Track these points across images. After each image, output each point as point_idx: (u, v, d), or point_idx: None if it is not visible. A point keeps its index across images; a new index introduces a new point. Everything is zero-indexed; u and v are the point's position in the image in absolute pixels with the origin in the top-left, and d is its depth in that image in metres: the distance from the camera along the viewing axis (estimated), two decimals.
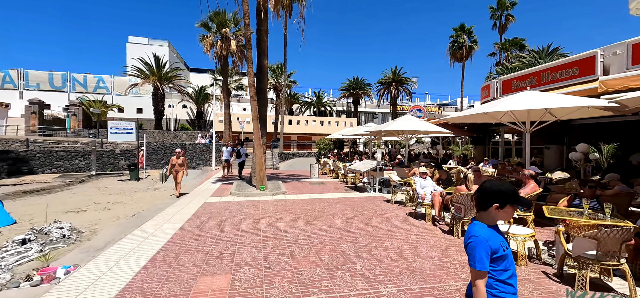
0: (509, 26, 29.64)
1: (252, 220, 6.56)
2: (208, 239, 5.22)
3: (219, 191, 10.62)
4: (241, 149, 14.01)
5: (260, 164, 10.37)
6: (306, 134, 37.88)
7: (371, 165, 10.51)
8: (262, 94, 11.91)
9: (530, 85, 10.65)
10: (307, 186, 11.95)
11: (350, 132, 16.66)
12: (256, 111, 10.22)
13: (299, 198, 9.24)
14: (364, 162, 11.68)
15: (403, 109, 51.93)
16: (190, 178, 15.01)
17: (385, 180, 10.04)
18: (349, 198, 9.34)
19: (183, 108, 42.92)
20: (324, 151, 21.60)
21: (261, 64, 11.92)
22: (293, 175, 16.13)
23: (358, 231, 5.71)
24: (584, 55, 8.89)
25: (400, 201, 8.57)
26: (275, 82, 30.95)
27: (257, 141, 10.39)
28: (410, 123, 11.87)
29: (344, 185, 12.15)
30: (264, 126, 11.91)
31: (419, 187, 6.61)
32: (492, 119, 7.57)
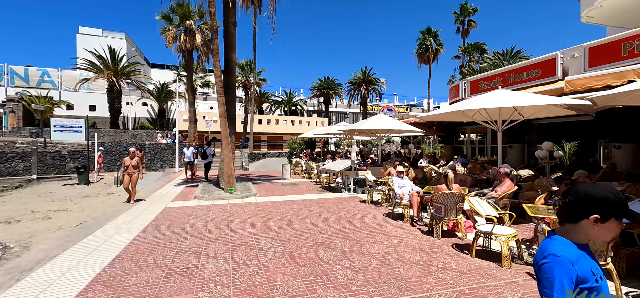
0: (471, 31, 31.24)
1: (219, 226, 5.95)
2: (167, 251, 4.56)
3: (182, 195, 9.74)
4: (207, 149, 13.10)
5: (228, 165, 9.67)
6: (277, 133, 37.08)
7: (345, 165, 10.25)
8: (230, 89, 11.17)
9: (497, 85, 11.04)
10: (279, 187, 11.42)
11: (323, 131, 16.37)
12: (224, 108, 9.51)
13: (271, 201, 8.71)
14: (338, 162, 11.40)
15: (373, 109, 52.89)
16: (150, 182, 13.80)
17: (360, 180, 9.83)
18: (324, 199, 8.98)
19: (143, 106, 40.01)
20: (296, 151, 21.12)
21: (229, 58, 11.19)
22: (264, 176, 15.47)
23: (336, 235, 5.35)
24: (546, 57, 9.34)
25: (376, 201, 8.38)
26: (244, 80, 29.83)
27: (224, 140, 9.68)
28: (383, 122, 11.80)
29: (318, 186, 11.79)
30: (233, 124, 11.19)
31: (397, 187, 6.42)
32: (466, 117, 7.62)
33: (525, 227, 5.65)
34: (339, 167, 10.47)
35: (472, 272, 3.78)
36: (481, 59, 30.10)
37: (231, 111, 11.14)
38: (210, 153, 13.11)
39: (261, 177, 15.03)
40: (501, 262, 3.91)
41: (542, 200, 4.58)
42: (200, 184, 11.52)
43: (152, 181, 13.90)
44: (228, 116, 10.52)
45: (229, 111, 10.68)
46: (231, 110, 11.14)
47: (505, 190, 5.29)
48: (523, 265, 3.96)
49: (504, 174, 5.48)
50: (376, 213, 7.01)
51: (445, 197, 4.93)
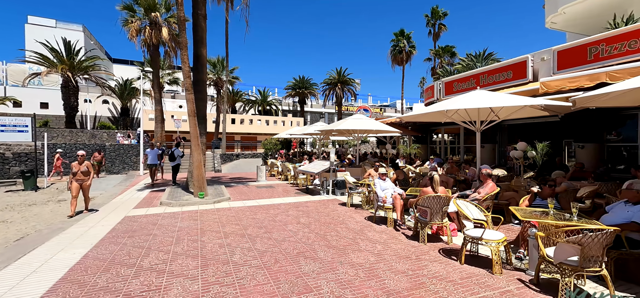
0: (441, 34, 32.27)
1: (188, 237, 5.35)
2: (124, 270, 3.94)
3: (146, 201, 8.89)
4: (175, 151, 12.18)
5: (198, 167, 8.96)
6: (251, 133, 36.06)
7: (324, 166, 9.92)
8: (200, 87, 10.43)
9: (471, 86, 11.26)
10: (254, 190, 10.85)
11: (299, 131, 15.95)
12: (193, 106, 8.79)
13: (246, 206, 8.16)
14: (316, 163, 11.05)
15: (348, 109, 53.26)
16: (110, 186, 12.62)
17: (339, 182, 9.55)
18: (302, 202, 8.58)
19: (104, 103, 37.18)
20: (271, 151, 20.49)
21: (199, 53, 10.44)
22: (238, 179, 14.75)
23: (317, 243, 4.98)
24: (517, 60, 9.62)
25: (356, 204, 8.13)
26: (216, 78, 28.59)
27: (194, 141, 8.97)
28: (361, 122, 11.63)
29: (295, 188, 11.36)
30: (203, 124, 10.46)
31: (379, 189, 6.18)
32: (446, 117, 7.59)
33: (506, 229, 5.63)
34: (317, 168, 10.12)
35: (464, 281, 3.57)
36: (451, 62, 31.22)
37: (201, 110, 10.40)
38: (178, 154, 12.21)
39: (235, 180, 14.30)
40: (492, 269, 3.75)
41: (526, 203, 4.52)
42: (167, 188, 10.65)
43: (112, 186, 12.70)
44: (198, 115, 9.78)
45: (199, 110, 9.95)
46: (201, 109, 10.41)
47: (489, 192, 5.21)
48: (512, 271, 3.84)
49: (487, 175, 5.41)
50: (358, 217, 6.73)
51: (431, 200, 4.74)
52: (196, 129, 8.98)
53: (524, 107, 6.20)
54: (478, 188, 5.52)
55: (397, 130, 11.55)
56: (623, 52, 7.03)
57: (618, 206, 3.69)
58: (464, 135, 14.81)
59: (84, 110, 35.11)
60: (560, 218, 3.59)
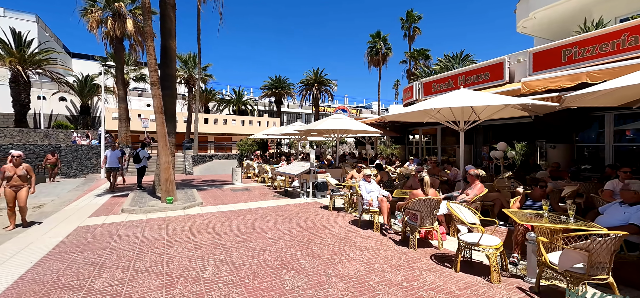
0: (416, 37, 32.98)
1: (152, 250, 4.70)
2: (69, 295, 3.27)
3: (105, 207, 7.96)
4: (141, 151, 11.17)
5: (166, 170, 8.17)
6: (225, 134, 34.77)
7: (304, 168, 9.48)
8: (169, 82, 9.60)
9: (449, 87, 11.34)
10: (228, 194, 10.16)
11: (277, 131, 15.37)
12: (160, 102, 8.00)
13: (220, 211, 7.53)
14: (295, 165, 10.58)
15: (325, 110, 53.15)
16: (64, 191, 11.35)
17: (320, 184, 9.15)
18: (281, 206, 8.08)
19: (61, 101, 34.20)
20: (247, 152, 19.70)
21: (167, 46, 9.61)
22: (211, 181, 13.90)
23: (301, 253, 4.54)
24: (494, 61, 9.77)
25: (339, 207, 7.77)
26: (187, 75, 27.15)
27: (162, 141, 8.16)
28: (341, 122, 11.32)
29: (273, 191, 10.81)
30: (172, 122, 9.63)
31: (365, 192, 5.85)
32: (428, 116, 7.45)
33: (491, 231, 5.51)
34: (296, 170, 9.65)
35: (463, 292, 3.30)
36: (426, 64, 31.96)
37: (170, 107, 9.58)
38: (144, 156, 11.21)
39: (208, 183, 13.46)
40: (489, 276, 3.52)
41: (517, 204, 4.37)
42: (131, 193, 9.69)
43: (67, 191, 11.43)
44: (166, 113, 8.97)
45: (167, 107, 9.13)
46: (170, 106, 9.58)
47: (477, 193, 5.05)
48: (510, 278, 3.63)
49: (475, 176, 5.25)
50: (341, 222, 6.36)
51: (422, 204, 4.47)
52: (164, 128, 8.18)
53: (506, 106, 6.17)
54: (465, 189, 5.35)
55: (378, 130, 11.38)
56: (595, 54, 7.26)
57: (613, 207, 3.61)
58: (440, 135, 15.02)
59: (38, 108, 32.05)
60: (556, 221, 3.43)
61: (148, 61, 7.90)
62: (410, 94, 13.23)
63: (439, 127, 15.08)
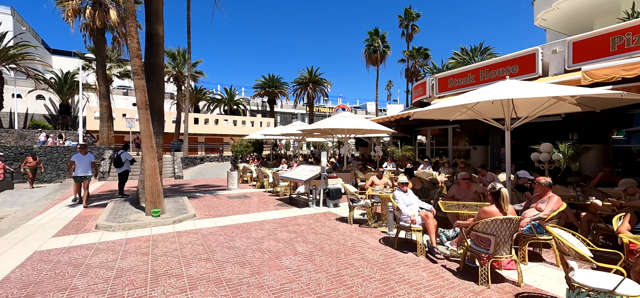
0: (414, 36, 32.22)
1: (130, 287, 3.42)
2: None
3: (76, 222, 6.56)
4: (122, 154, 9.74)
5: (152, 176, 6.82)
6: (216, 134, 33.20)
7: (313, 173, 8.28)
8: (156, 74, 8.25)
9: (469, 83, 10.35)
10: (225, 202, 8.86)
11: (277, 131, 14.09)
12: (144, 95, 6.66)
13: (218, 226, 6.25)
14: (301, 169, 9.37)
15: (319, 110, 52.00)
16: (33, 200, 9.82)
17: (333, 191, 7.96)
18: (290, 218, 6.86)
19: (38, 99, 31.98)
20: (242, 154, 18.33)
21: (153, 31, 8.27)
22: (204, 187, 12.53)
23: (337, 293, 3.34)
24: (524, 52, 8.80)
25: (359, 220, 6.60)
26: (176, 72, 25.52)
27: (146, 141, 6.82)
28: (350, 121, 10.21)
29: (275, 198, 9.57)
30: (160, 121, 8.29)
31: (404, 205, 4.70)
32: (456, 112, 6.35)
33: None
34: (304, 175, 8.44)
35: None
36: (425, 63, 31.24)
37: (157, 103, 8.22)
38: (127, 159, 9.79)
39: (200, 188, 12.09)
40: None
41: (627, 225, 3.28)
42: (110, 203, 8.28)
43: (35, 199, 9.89)
44: (152, 109, 7.63)
45: (153, 102, 7.78)
46: (157, 102, 8.23)
47: (555, 208, 3.96)
48: None
49: (547, 186, 4.16)
50: (370, 240, 5.19)
51: (499, 226, 3.34)
52: (149, 126, 6.84)
53: (557, 101, 5.13)
54: (534, 203, 4.25)
55: (390, 129, 10.29)
56: None
57: None
58: (451, 135, 14.06)
59: (13, 107, 29.78)
60: None
61: (129, 45, 6.54)
62: (423, 91, 12.21)
63: (451, 126, 14.13)
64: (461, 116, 6.71)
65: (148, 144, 6.80)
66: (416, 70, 31.56)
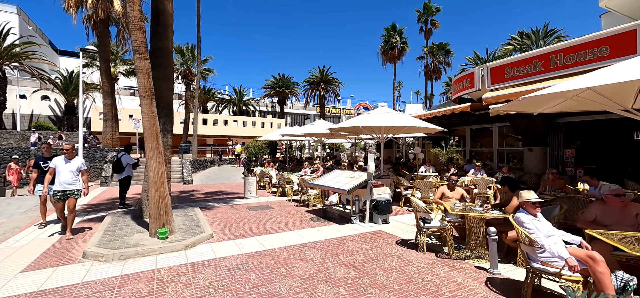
0: (434, 31, 30.41)
1: None
2: None
3: (61, 246, 5.05)
4: (124, 157, 8.25)
5: (158, 186, 5.27)
6: (225, 136, 31.79)
7: (356, 180, 6.66)
8: (163, 57, 6.75)
9: (536, 71, 8.63)
10: (246, 215, 7.28)
11: (299, 131, 12.49)
12: (149, 81, 5.12)
13: (244, 253, 4.66)
14: (338, 174, 7.74)
15: (330, 111, 50.43)
16: (20, 211, 8.37)
17: (382, 204, 6.32)
18: (336, 242, 5.24)
19: (44, 100, 31.03)
20: (256, 156, 16.80)
21: (160, 7, 6.78)
22: (217, 194, 11.00)
23: None
24: (618, 30, 7.06)
25: (432, 245, 4.96)
26: (184, 69, 24.13)
27: (151, 141, 5.27)
28: (391, 118, 8.58)
29: (303, 210, 7.97)
30: (168, 117, 6.78)
31: (543, 237, 3.04)
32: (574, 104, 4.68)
33: None
34: (345, 182, 6.81)
35: None
36: (446, 60, 29.43)
37: (165, 94, 6.71)
38: (128, 162, 8.30)
39: (213, 196, 10.56)
40: None
41: None
42: (107, 217, 6.76)
43: (22, 210, 8.43)
44: (160, 102, 6.12)
45: (160, 93, 6.27)
46: (165, 93, 6.72)
47: None
48: None
49: None
50: (475, 286, 3.54)
51: None
52: (155, 122, 5.30)
53: None
54: None
55: (438, 128, 8.62)
56: None
57: None
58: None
59: (17, 108, 28.83)
60: None
61: (129, 14, 5.01)
62: (470, 83, 10.48)
63: (495, 125, 12.38)
64: (556, 107, 5.01)
65: (153, 143, 5.26)
66: (436, 68, 29.78)
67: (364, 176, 6.62)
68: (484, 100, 8.85)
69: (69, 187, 5.53)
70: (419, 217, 4.77)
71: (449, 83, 35.48)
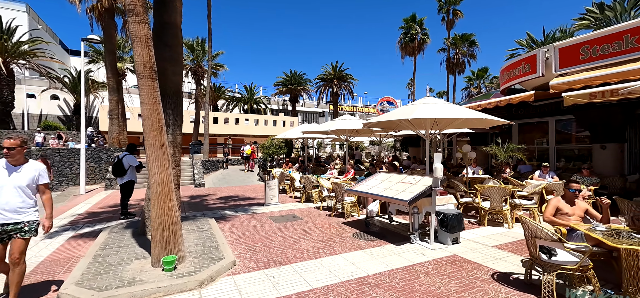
0: (456, 22, 28.46)
1: None
2: None
3: (37, 276, 3.72)
4: (125, 158, 6.94)
5: (163, 197, 3.90)
6: (237, 135, 30.63)
7: (420, 187, 5.15)
8: (171, 35, 5.39)
9: (622, 50, 6.95)
10: (272, 230, 5.86)
11: (324, 128, 10.97)
12: (149, 54, 3.76)
13: (283, 296, 3.24)
14: (383, 178, 6.24)
15: (342, 109, 48.85)
16: None
17: (451, 218, 4.80)
18: (403, 273, 3.77)
19: (53, 100, 30.40)
20: (272, 156, 15.43)
21: None
22: (233, 200, 9.64)
23: None
24: None
25: (558, 288, 3.43)
26: (194, 65, 22.94)
27: (152, 136, 3.90)
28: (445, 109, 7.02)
29: (339, 221, 6.52)
30: (177, 107, 5.43)
31: None
32: None
33: None
34: (400, 190, 5.32)
35: None
36: (471, 52, 27.52)
37: (172, 80, 5.34)
38: (131, 164, 6.99)
39: (229, 202, 9.19)
40: None
41: None
42: (103, 232, 5.44)
43: None
44: (166, 88, 4.78)
45: (166, 77, 4.93)
46: (172, 79, 5.35)
47: None
48: None
49: None
50: None
51: None
52: (158, 110, 3.93)
53: None
54: None
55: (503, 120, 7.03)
56: None
57: None
58: (554, 130, 10.59)
59: (26, 107, 28.28)
60: None
61: None
62: (531, 68, 8.84)
63: (553, 118, 10.66)
64: None
65: (156, 140, 3.88)
66: (459, 61, 27.88)
67: (425, 182, 5.12)
68: (551, 88, 7.22)
69: (12, 218, 2.91)
70: (539, 244, 3.24)
71: (472, 77, 33.51)
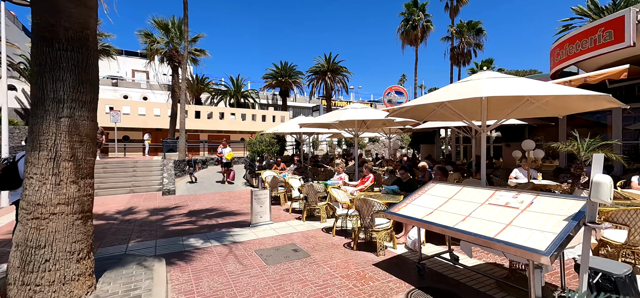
0: (461, 9, 26.31)
1: None
2: None
3: None
4: (21, 163, 4.25)
5: None
6: (222, 131, 27.71)
7: (560, 222, 2.70)
8: None
9: None
10: (262, 287, 3.30)
11: (328, 119, 8.35)
12: None
13: None
14: (454, 192, 3.77)
15: (336, 104, 46.35)
16: None
17: (624, 283, 2.38)
18: None
19: (11, 90, 26.70)
20: (261, 155, 12.80)
21: None
22: (207, 215, 6.98)
23: None
24: None
25: None
26: (170, 49, 19.87)
27: None
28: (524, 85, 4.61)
29: (366, 257, 4.02)
30: (80, 68, 2.79)
31: None
32: None
33: None
34: (516, 227, 2.86)
35: None
36: (478, 41, 25.48)
37: (65, 9, 2.70)
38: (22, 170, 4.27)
39: (201, 219, 6.54)
40: None
41: None
42: None
43: None
44: (55, 26, 2.16)
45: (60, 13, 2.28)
46: (64, 6, 2.70)
47: None
48: None
49: None
50: None
51: None
52: None
53: None
54: None
55: (617, 101, 4.71)
56: None
57: None
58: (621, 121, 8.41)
59: None
60: None
61: None
62: (615, 37, 6.58)
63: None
64: None
65: None
66: (465, 51, 25.84)
67: (560, 208, 2.67)
68: None
69: None
70: None
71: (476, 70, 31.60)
